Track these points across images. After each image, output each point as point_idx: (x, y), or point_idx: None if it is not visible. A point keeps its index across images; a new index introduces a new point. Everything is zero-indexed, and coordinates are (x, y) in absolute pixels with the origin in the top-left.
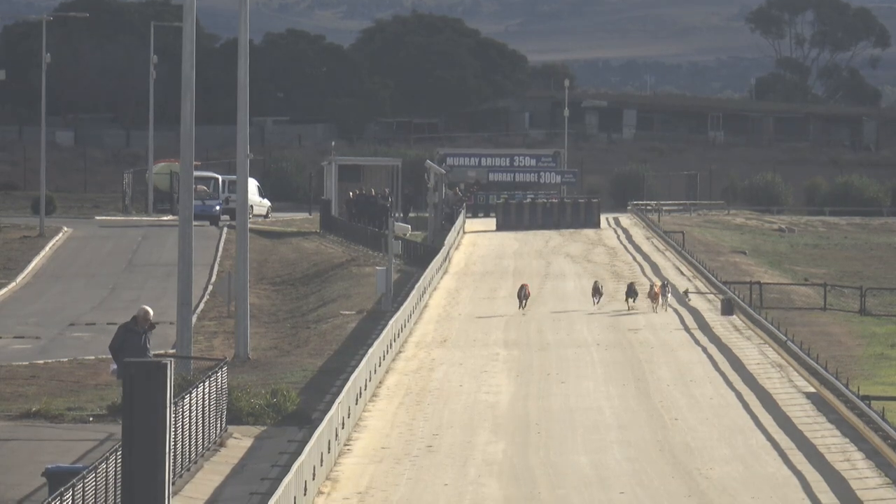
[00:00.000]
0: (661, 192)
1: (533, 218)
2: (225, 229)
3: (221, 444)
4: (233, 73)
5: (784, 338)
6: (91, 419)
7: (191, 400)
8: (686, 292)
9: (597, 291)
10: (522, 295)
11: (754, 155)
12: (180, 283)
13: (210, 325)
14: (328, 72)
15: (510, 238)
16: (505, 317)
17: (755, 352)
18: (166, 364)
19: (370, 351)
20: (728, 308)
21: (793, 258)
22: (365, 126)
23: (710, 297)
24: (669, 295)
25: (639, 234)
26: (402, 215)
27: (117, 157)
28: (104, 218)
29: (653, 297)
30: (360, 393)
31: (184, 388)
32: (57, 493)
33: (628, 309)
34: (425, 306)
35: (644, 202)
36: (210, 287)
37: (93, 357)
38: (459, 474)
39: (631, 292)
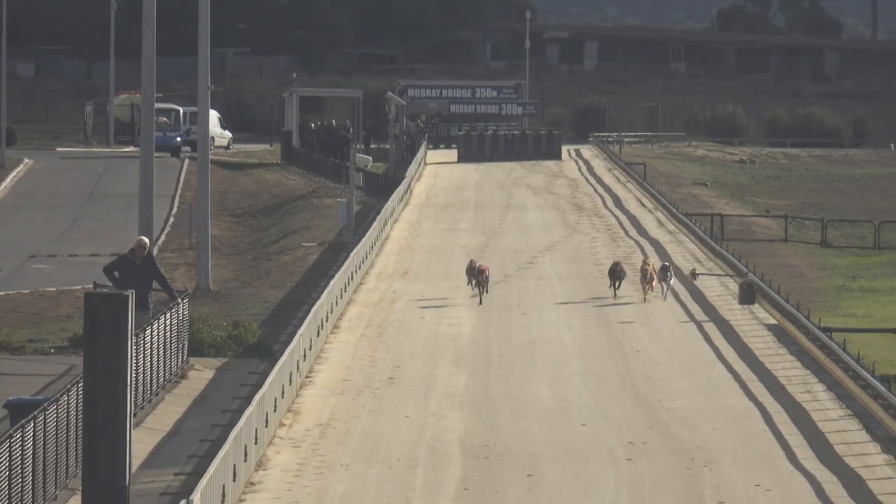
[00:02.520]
0: (623, 124)
1: (494, 150)
2: (186, 161)
3: (183, 376)
4: (194, 4)
5: (745, 269)
6: (52, 351)
7: (152, 332)
8: (694, 273)
9: (616, 275)
10: (480, 278)
11: (716, 86)
12: (141, 215)
13: (171, 257)
14: (290, 3)
15: (471, 170)
16: (466, 249)
17: (716, 283)
18: (128, 296)
19: (331, 283)
20: (748, 295)
21: (754, 190)
22: (326, 58)
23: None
24: (672, 279)
25: (600, 165)
26: (363, 147)
27: (78, 89)
28: (65, 149)
29: (646, 279)
30: (322, 325)
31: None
32: (18, 424)
33: (614, 297)
34: (386, 238)
35: (605, 134)
36: (171, 219)
37: (54, 289)
38: (421, 406)
39: (615, 275)
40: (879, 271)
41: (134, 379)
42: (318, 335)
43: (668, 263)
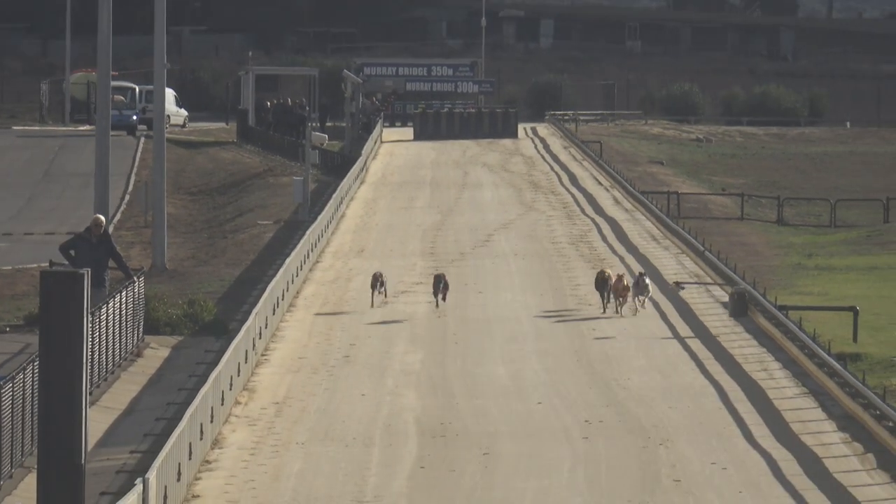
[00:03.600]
0: (579, 102)
1: (450, 128)
2: (142, 139)
3: (138, 354)
4: None
5: (701, 247)
6: (8, 329)
7: (108, 310)
8: (678, 284)
9: (603, 285)
10: (439, 288)
11: (672, 65)
12: (97, 193)
13: (127, 235)
14: None
15: (427, 148)
16: (422, 227)
17: (672, 261)
18: (83, 274)
19: (287, 261)
20: (740, 307)
21: (710, 168)
22: (282, 36)
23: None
24: (649, 291)
25: (556, 143)
26: (318, 125)
27: (34, 67)
28: (21, 128)
29: (618, 292)
30: (278, 303)
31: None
32: None
33: (603, 311)
34: (342, 216)
35: (561, 112)
36: (127, 197)
37: (9, 267)
38: (377, 384)
39: (602, 285)
40: (835, 249)
41: (90, 357)
42: (273, 313)
43: (643, 272)
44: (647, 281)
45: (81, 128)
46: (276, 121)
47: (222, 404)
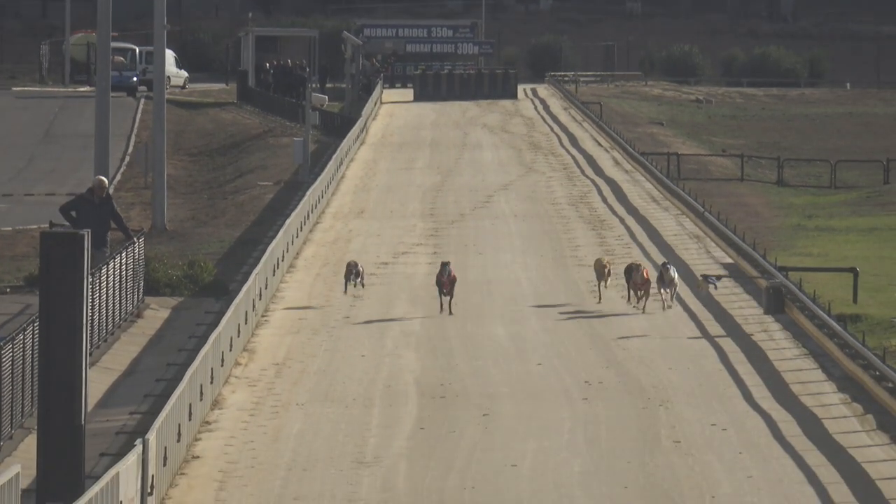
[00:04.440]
0: (579, 63)
1: (450, 89)
2: (142, 100)
3: (139, 315)
4: None
5: (701, 209)
6: (8, 290)
7: (108, 271)
8: (706, 279)
9: (602, 273)
10: (444, 282)
11: (672, 26)
12: (97, 154)
13: (127, 196)
14: None
15: (427, 109)
16: (422, 188)
17: (672, 222)
18: (83, 235)
19: (287, 222)
20: (776, 302)
21: (710, 129)
22: None
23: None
24: (676, 284)
25: (556, 104)
26: (319, 86)
27: (34, 28)
28: (21, 89)
29: (638, 285)
30: (278, 264)
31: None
32: None
33: (598, 300)
34: (342, 177)
35: (561, 73)
36: (127, 158)
37: (10, 228)
38: (377, 345)
39: (600, 274)
40: (835, 210)
41: (90, 318)
42: (273, 274)
43: (667, 262)
44: (674, 273)
45: (81, 89)
46: (276, 82)
47: (222, 365)
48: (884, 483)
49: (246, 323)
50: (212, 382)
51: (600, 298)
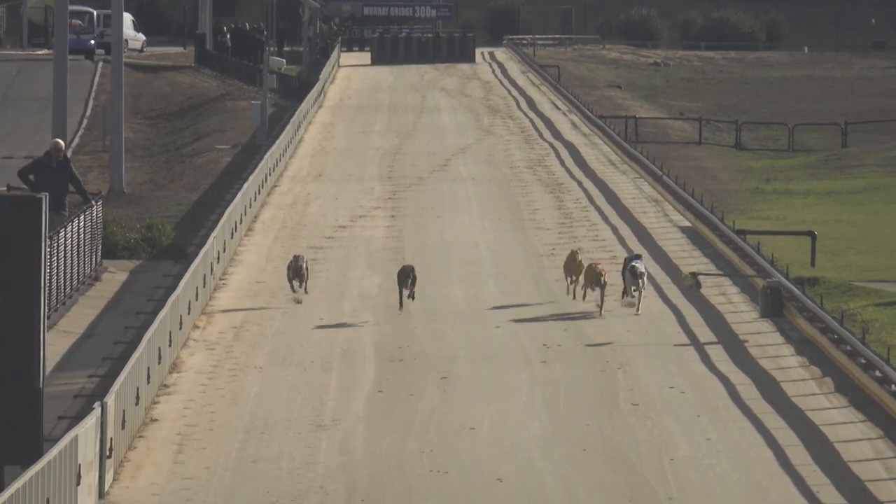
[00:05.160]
0: (537, 27)
1: (408, 52)
2: (100, 64)
3: (96, 279)
4: None
5: (659, 172)
6: None
7: (66, 234)
8: (692, 277)
9: (571, 268)
10: (407, 283)
11: None
12: (55, 118)
13: (85, 160)
14: None
15: (385, 72)
16: (380, 151)
17: (630, 186)
18: (41, 198)
19: (245, 185)
20: (773, 304)
21: (668, 92)
22: None
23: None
24: (644, 283)
25: (514, 68)
26: (276, 49)
27: None
28: None
29: (592, 280)
30: (236, 227)
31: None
32: None
33: (571, 294)
34: (300, 140)
35: (519, 37)
36: (85, 121)
37: None
38: (334, 308)
39: (570, 268)
40: (793, 174)
41: (48, 282)
42: (231, 237)
43: (638, 255)
44: (642, 268)
45: (39, 52)
46: (234, 45)
47: (180, 328)
48: (841, 445)
49: (204, 286)
50: (170, 346)
51: (574, 295)
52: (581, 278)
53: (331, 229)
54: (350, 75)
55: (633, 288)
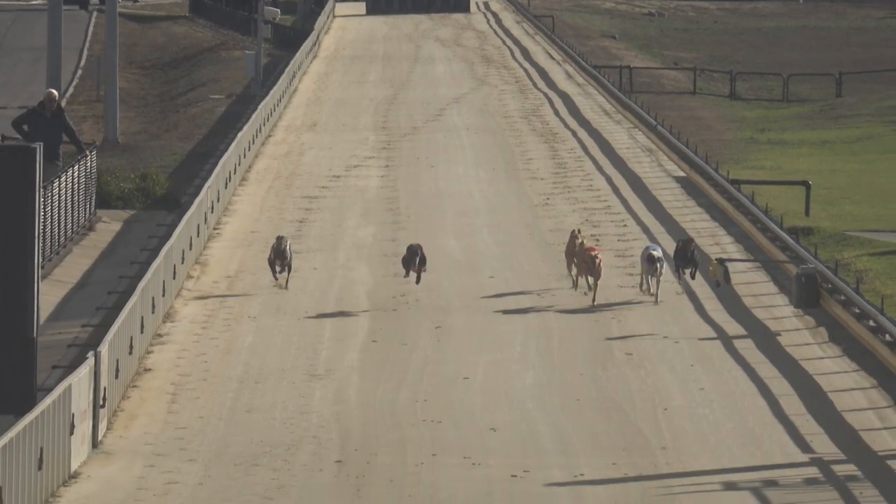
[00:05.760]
0: None
1: (403, 2)
2: (94, 14)
3: (90, 228)
4: None
5: (654, 122)
6: None
7: (60, 184)
8: (719, 266)
9: (686, 259)
10: (413, 261)
11: None
12: (49, 68)
13: (79, 110)
14: None
15: (380, 22)
16: (374, 101)
17: (625, 136)
18: (35, 148)
19: (239, 135)
20: (809, 293)
21: (663, 42)
22: None
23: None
24: (662, 269)
25: (508, 18)
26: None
27: None
28: None
29: (586, 267)
30: (230, 177)
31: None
32: None
33: (575, 288)
34: (295, 91)
35: None
36: (79, 71)
37: None
38: (329, 258)
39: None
40: (787, 124)
41: (42, 231)
42: (226, 187)
43: (656, 247)
44: (658, 253)
45: (34, 2)
46: None
47: (174, 278)
48: (835, 395)
49: (198, 236)
50: (164, 295)
51: (576, 286)
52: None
53: (325, 179)
54: (345, 25)
55: (650, 276)
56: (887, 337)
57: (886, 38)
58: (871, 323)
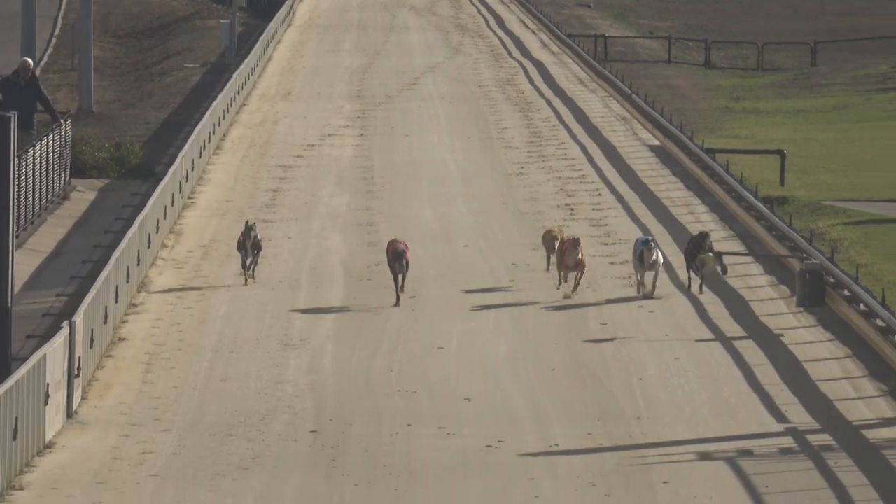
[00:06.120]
0: None
1: None
2: None
3: (65, 197)
4: None
5: (629, 91)
6: None
7: (35, 153)
8: (715, 259)
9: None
10: (397, 263)
11: None
12: (24, 36)
13: (54, 78)
14: None
15: None
16: (349, 70)
17: (599, 105)
18: (10, 117)
19: (214, 104)
20: (814, 291)
21: (638, 11)
22: None
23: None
24: (659, 262)
25: None
26: None
27: None
28: None
29: (567, 267)
30: (204, 146)
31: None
32: None
33: (558, 287)
34: (269, 59)
35: None
36: (54, 40)
37: None
38: (303, 227)
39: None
40: (762, 93)
41: (17, 200)
42: (200, 156)
43: (651, 238)
44: (658, 255)
45: None
46: None
47: (149, 247)
48: (810, 364)
49: (173, 205)
50: (138, 265)
51: (549, 270)
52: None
53: (299, 148)
54: None
55: (642, 276)
56: (862, 307)
57: (861, 7)
58: (846, 293)
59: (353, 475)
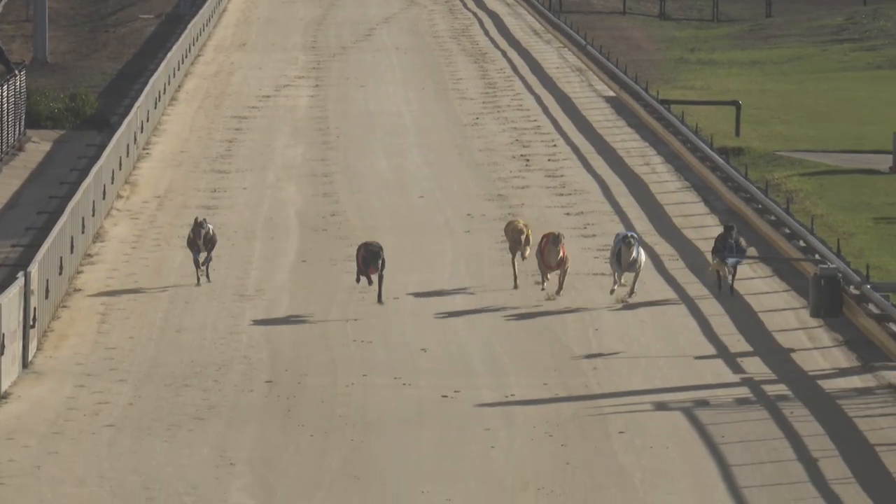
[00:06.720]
0: None
1: None
2: None
3: (20, 149)
4: None
5: (583, 42)
6: None
7: None
8: (723, 262)
9: (518, 242)
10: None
11: None
12: None
13: (8, 29)
14: None
15: None
16: (304, 21)
17: (554, 56)
18: None
19: (169, 55)
20: (830, 300)
21: None
22: None
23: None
24: (640, 262)
25: None
26: None
27: None
28: None
29: (549, 267)
30: (159, 97)
31: None
32: None
33: (514, 285)
34: (224, 10)
35: None
36: None
37: None
38: (258, 178)
39: (516, 242)
40: (718, 44)
41: None
42: (155, 107)
43: (632, 234)
44: (637, 253)
45: None
46: None
47: (104, 198)
48: (765, 315)
49: (128, 156)
50: (93, 215)
51: (516, 282)
52: (528, 252)
53: (254, 99)
54: None
55: (621, 276)
56: (817, 256)
57: None
58: (801, 243)
59: (308, 425)
